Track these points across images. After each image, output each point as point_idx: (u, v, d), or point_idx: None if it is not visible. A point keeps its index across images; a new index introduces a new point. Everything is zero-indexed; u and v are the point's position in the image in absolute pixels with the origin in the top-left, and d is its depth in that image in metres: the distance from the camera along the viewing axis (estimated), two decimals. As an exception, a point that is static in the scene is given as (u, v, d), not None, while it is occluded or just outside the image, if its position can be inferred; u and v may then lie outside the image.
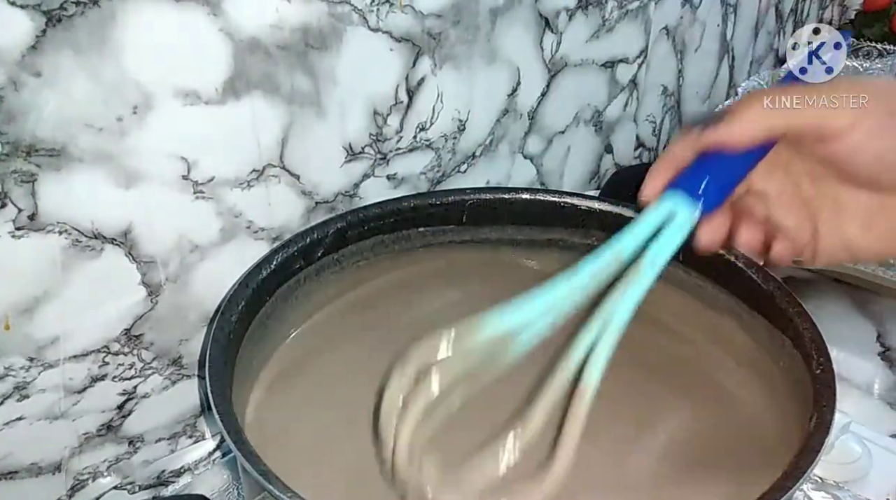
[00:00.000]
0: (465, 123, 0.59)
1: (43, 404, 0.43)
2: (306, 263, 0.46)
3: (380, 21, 0.49)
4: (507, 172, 0.66)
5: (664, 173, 0.35)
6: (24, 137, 0.37)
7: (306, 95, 0.47)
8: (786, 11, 1.05)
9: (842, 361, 0.61)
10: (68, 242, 0.40)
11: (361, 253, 0.49)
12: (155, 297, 0.45)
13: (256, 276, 0.42)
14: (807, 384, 0.38)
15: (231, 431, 0.33)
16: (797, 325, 0.40)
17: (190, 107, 0.42)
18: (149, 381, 0.47)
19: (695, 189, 0.35)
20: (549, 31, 0.63)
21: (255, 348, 0.43)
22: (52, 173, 0.38)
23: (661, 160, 0.35)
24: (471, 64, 0.57)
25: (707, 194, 0.35)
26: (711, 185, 0.35)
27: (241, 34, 0.43)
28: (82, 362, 0.44)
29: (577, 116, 0.71)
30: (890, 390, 0.60)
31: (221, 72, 0.43)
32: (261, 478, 0.31)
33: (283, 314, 0.46)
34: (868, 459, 0.51)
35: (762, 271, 0.44)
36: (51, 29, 0.36)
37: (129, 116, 0.40)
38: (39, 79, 0.36)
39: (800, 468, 0.32)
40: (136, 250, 0.43)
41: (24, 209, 0.38)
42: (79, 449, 0.46)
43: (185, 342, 0.48)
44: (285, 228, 0.50)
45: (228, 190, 0.46)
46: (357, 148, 0.52)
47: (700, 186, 0.35)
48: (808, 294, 0.68)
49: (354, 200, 0.53)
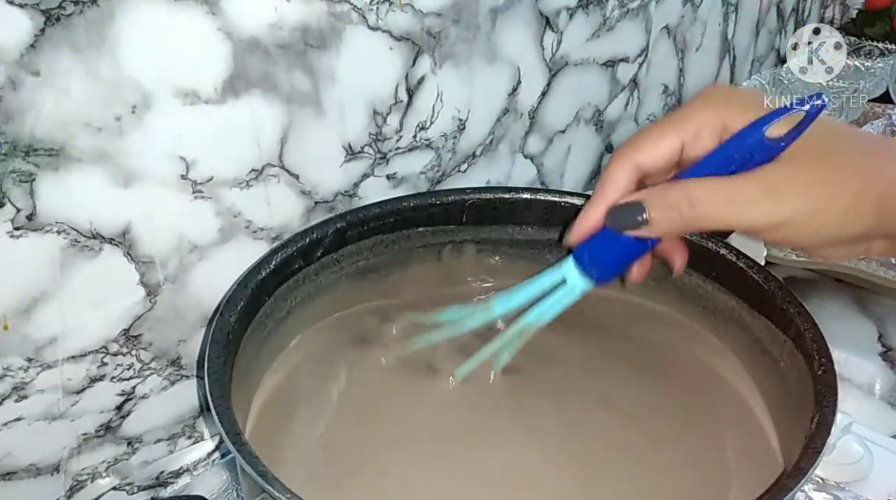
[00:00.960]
0: (465, 123, 0.59)
1: (41, 404, 0.43)
2: (306, 263, 0.46)
3: (379, 20, 0.49)
4: (508, 172, 0.66)
5: (592, 220, 0.36)
6: (22, 137, 0.37)
7: (306, 94, 0.47)
8: (787, 11, 1.05)
9: (843, 361, 0.61)
10: (67, 242, 0.40)
11: (361, 253, 0.49)
12: (154, 297, 0.45)
13: (255, 276, 0.42)
14: (808, 385, 0.38)
15: (230, 432, 0.33)
16: (798, 325, 0.40)
17: (189, 106, 0.42)
18: (147, 381, 0.47)
19: (589, 265, 0.37)
20: (550, 30, 0.63)
21: (254, 348, 0.43)
22: (50, 173, 0.38)
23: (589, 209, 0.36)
24: (471, 63, 0.57)
25: (600, 272, 0.37)
26: (606, 262, 0.37)
27: (241, 33, 0.43)
28: (81, 362, 0.44)
29: (578, 116, 0.71)
30: (891, 391, 0.60)
31: (220, 71, 0.43)
32: (260, 479, 0.31)
33: (282, 315, 0.46)
34: (869, 459, 0.51)
35: (763, 270, 0.44)
36: (49, 28, 0.36)
37: (127, 115, 0.40)
38: (38, 78, 0.36)
39: (801, 469, 0.32)
40: (134, 250, 0.43)
41: (22, 209, 0.38)
42: (77, 450, 0.46)
43: (183, 343, 0.48)
44: (285, 227, 0.50)
45: (227, 190, 0.46)
46: (357, 147, 0.52)
47: (594, 264, 0.37)
48: (809, 294, 0.68)
49: (354, 199, 0.53)
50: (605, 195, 0.35)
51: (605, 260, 0.37)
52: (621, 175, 0.34)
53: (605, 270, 0.37)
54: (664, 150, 0.33)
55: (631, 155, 0.34)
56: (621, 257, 0.37)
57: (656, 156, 0.33)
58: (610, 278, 0.37)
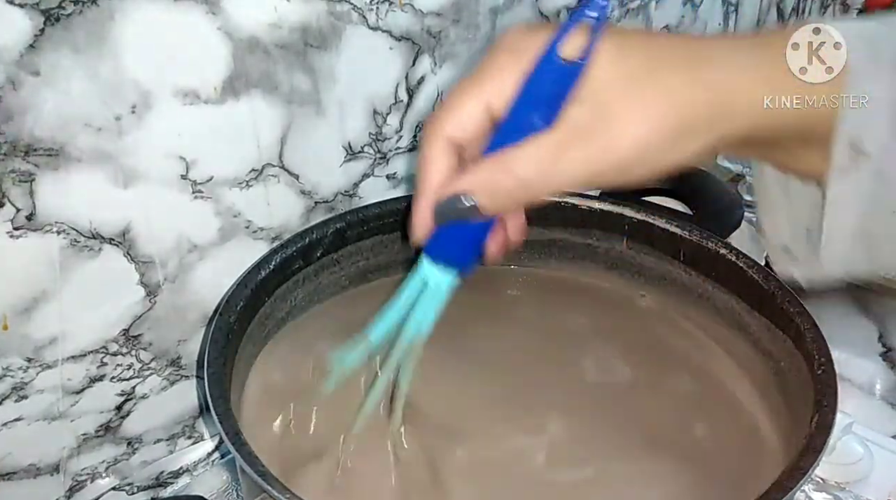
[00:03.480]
0: (465, 123, 0.59)
1: (41, 404, 0.43)
2: (305, 263, 0.46)
3: (379, 20, 0.49)
4: (508, 172, 0.66)
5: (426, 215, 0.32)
6: (22, 137, 0.37)
7: (306, 94, 0.47)
8: (787, 10, 1.05)
9: (843, 361, 0.61)
10: (66, 241, 0.40)
11: (361, 253, 0.49)
12: (153, 297, 0.45)
13: (255, 276, 0.42)
14: (808, 385, 0.38)
15: (230, 432, 0.33)
16: (798, 325, 0.40)
17: (189, 106, 0.42)
18: (147, 381, 0.47)
19: (445, 259, 0.34)
20: (550, 31, 0.63)
21: (254, 348, 0.43)
22: (50, 173, 0.38)
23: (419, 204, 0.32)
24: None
25: (458, 262, 0.34)
26: (459, 251, 0.34)
27: (240, 33, 0.43)
28: (81, 362, 0.44)
29: (578, 116, 0.71)
30: (891, 391, 0.60)
31: (220, 71, 0.43)
32: (260, 479, 0.31)
33: (282, 315, 0.46)
34: (869, 460, 0.51)
35: (763, 270, 0.44)
36: (49, 28, 0.36)
37: (127, 115, 0.40)
38: (38, 78, 0.36)
39: (801, 469, 0.32)
40: (134, 250, 0.43)
41: (22, 209, 0.38)
42: (77, 450, 0.46)
43: (183, 343, 0.48)
44: (284, 227, 0.50)
45: (227, 190, 0.46)
46: (356, 147, 0.52)
47: (449, 256, 0.34)
48: (809, 294, 0.68)
49: (354, 199, 0.53)
50: (428, 184, 0.31)
51: (458, 249, 0.34)
52: (437, 157, 0.31)
53: (461, 258, 0.34)
54: (470, 116, 0.30)
55: (439, 131, 0.31)
56: (471, 239, 0.34)
57: (465, 125, 0.30)
58: (469, 264, 0.35)
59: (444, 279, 0.35)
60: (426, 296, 0.35)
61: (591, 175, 0.29)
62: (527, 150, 0.29)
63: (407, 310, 0.36)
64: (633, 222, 0.49)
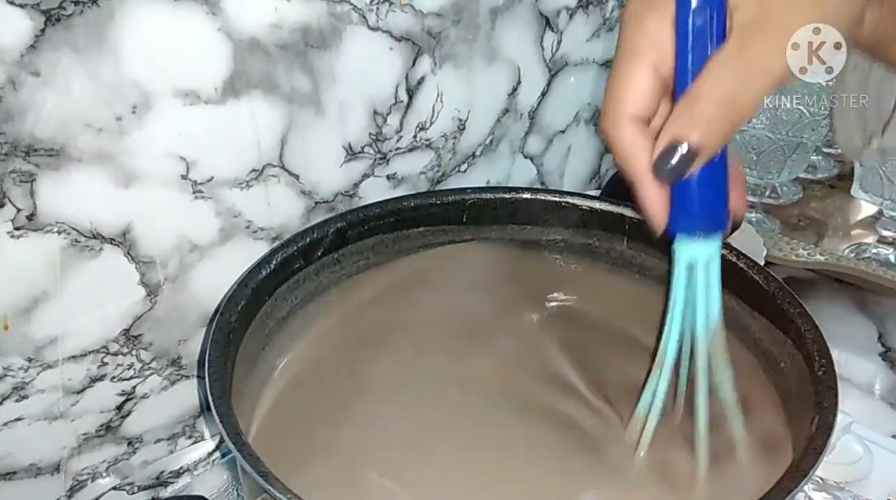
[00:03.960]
0: (465, 123, 0.59)
1: (42, 404, 0.43)
2: (306, 263, 0.46)
3: (379, 20, 0.49)
4: (508, 172, 0.66)
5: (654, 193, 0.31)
6: (22, 137, 0.37)
7: (306, 94, 0.47)
8: None
9: (843, 361, 0.61)
10: (67, 242, 0.40)
11: (361, 253, 0.49)
12: (154, 297, 0.45)
13: (256, 276, 0.42)
14: (808, 385, 0.38)
15: (231, 432, 0.33)
16: (798, 325, 0.40)
17: (189, 106, 0.42)
18: (148, 381, 0.47)
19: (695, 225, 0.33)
20: (550, 31, 0.63)
21: (254, 348, 0.43)
22: (50, 173, 0.38)
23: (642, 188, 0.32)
24: (471, 63, 0.57)
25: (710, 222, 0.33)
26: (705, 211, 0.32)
27: (241, 34, 0.43)
28: (81, 362, 0.44)
29: (578, 116, 0.71)
30: (891, 391, 0.60)
31: (220, 71, 0.43)
32: (260, 479, 0.31)
33: (282, 314, 0.46)
34: (869, 459, 0.51)
35: (763, 271, 0.44)
36: (49, 28, 0.36)
37: (128, 115, 0.40)
38: (38, 78, 0.36)
39: (802, 470, 0.32)
40: (134, 250, 0.43)
41: (22, 209, 0.38)
42: (78, 450, 0.46)
43: (184, 343, 0.48)
44: (285, 227, 0.50)
45: (228, 190, 0.46)
46: (357, 148, 0.52)
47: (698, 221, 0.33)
48: (809, 294, 0.68)
49: (354, 199, 0.53)
50: (640, 166, 0.31)
51: (704, 208, 0.32)
52: (634, 137, 0.30)
53: (711, 217, 0.33)
54: (643, 86, 0.30)
55: (622, 114, 0.30)
56: (711, 194, 0.32)
57: (643, 97, 0.30)
58: (724, 219, 0.33)
59: (706, 247, 0.34)
60: (698, 277, 0.34)
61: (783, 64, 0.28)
62: (711, 70, 0.29)
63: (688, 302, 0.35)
64: (633, 222, 0.49)
